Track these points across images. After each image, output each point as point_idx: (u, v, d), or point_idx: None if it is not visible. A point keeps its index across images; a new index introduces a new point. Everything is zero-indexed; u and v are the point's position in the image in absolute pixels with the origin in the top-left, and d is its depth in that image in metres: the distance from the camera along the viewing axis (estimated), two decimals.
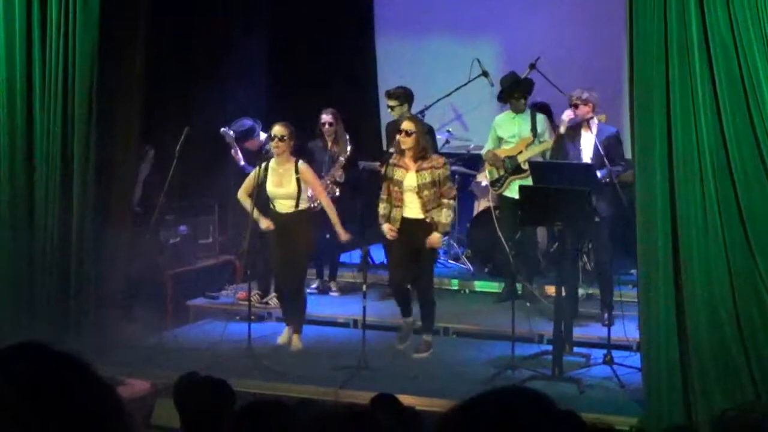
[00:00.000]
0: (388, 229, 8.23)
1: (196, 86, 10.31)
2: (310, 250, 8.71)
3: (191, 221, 10.26)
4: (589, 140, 8.62)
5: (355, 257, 10.60)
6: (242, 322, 8.93)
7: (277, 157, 8.35)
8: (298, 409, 4.01)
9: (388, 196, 8.26)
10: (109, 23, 8.31)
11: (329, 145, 9.79)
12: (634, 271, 8.10)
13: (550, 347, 7.93)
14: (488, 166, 9.62)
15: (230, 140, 9.58)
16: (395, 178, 8.19)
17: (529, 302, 9.05)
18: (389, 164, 8.28)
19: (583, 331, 8.51)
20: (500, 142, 9.49)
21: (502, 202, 9.56)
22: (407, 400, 6.05)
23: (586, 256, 9.45)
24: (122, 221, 8.67)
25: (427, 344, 8.41)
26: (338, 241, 8.62)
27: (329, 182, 9.51)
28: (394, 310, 8.68)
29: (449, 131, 11.13)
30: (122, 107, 8.52)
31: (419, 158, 8.15)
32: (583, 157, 8.58)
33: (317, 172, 8.88)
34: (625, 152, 8.60)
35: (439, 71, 11.38)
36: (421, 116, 10.00)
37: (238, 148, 9.62)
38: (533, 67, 9.52)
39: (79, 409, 1.63)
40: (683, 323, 6.71)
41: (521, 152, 9.33)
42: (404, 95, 9.54)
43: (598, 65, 10.55)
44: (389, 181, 8.25)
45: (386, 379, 7.57)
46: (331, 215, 8.46)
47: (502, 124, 9.49)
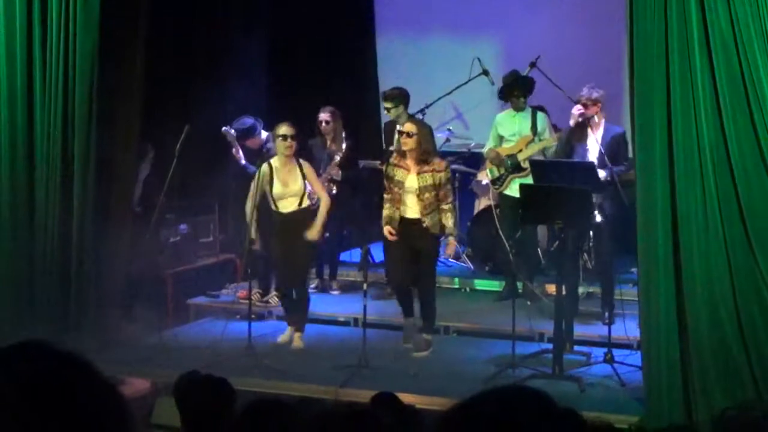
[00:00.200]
0: (388, 231, 8.24)
1: (196, 86, 10.31)
2: (313, 247, 8.74)
3: (191, 220, 10.26)
4: (592, 140, 8.60)
5: (355, 256, 10.60)
6: (243, 320, 8.94)
7: (284, 156, 8.36)
8: (298, 407, 4.01)
9: (391, 196, 8.26)
10: (109, 23, 8.31)
11: (328, 143, 9.80)
12: (634, 269, 8.10)
13: (550, 346, 7.93)
14: (489, 164, 9.62)
15: (231, 139, 9.58)
16: (396, 178, 8.19)
17: (529, 301, 9.06)
18: (390, 164, 8.28)
19: (583, 329, 8.50)
20: (501, 140, 9.49)
21: (502, 200, 9.56)
22: (407, 398, 6.05)
23: (586, 254, 9.45)
24: (122, 221, 8.68)
25: (427, 343, 8.41)
26: (318, 238, 8.59)
27: (326, 180, 9.52)
28: (394, 308, 8.70)
29: (450, 130, 11.13)
30: (122, 107, 8.53)
31: (421, 161, 8.15)
32: (589, 157, 8.57)
33: (315, 169, 8.90)
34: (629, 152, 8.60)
35: (439, 70, 11.38)
36: (421, 115, 10.00)
37: (239, 146, 9.62)
38: (533, 65, 9.50)
39: (80, 408, 1.63)
40: (684, 322, 6.71)
41: (521, 150, 9.33)
42: (400, 96, 9.52)
43: (598, 64, 10.54)
44: (390, 181, 8.25)
45: (386, 377, 7.57)
46: (322, 211, 8.45)
47: (502, 122, 9.48)
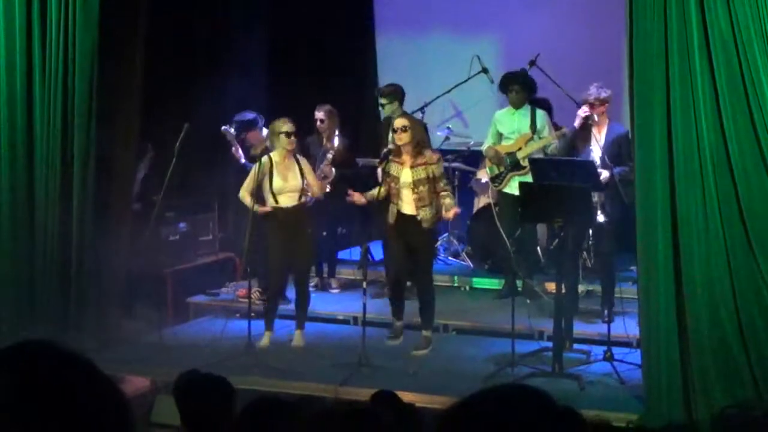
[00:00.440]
0: (358, 197, 8.27)
1: (196, 84, 10.31)
2: (314, 242, 8.82)
3: (191, 218, 10.26)
4: (596, 140, 8.60)
5: (355, 254, 10.61)
6: (242, 319, 8.94)
7: (285, 151, 8.37)
8: (298, 406, 4.01)
9: (387, 188, 8.26)
10: (108, 21, 8.32)
11: (324, 141, 9.82)
12: (634, 267, 8.10)
13: (550, 344, 7.93)
14: (488, 162, 9.62)
15: (231, 138, 9.58)
16: (392, 173, 8.21)
17: (529, 299, 9.05)
18: (390, 160, 8.27)
19: (583, 327, 8.51)
20: (500, 137, 9.48)
21: (502, 198, 9.55)
22: (407, 396, 6.05)
23: (586, 252, 9.45)
24: (122, 219, 8.68)
25: (426, 341, 8.41)
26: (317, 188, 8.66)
27: (319, 178, 9.52)
28: None
29: (449, 128, 11.12)
30: (122, 105, 8.53)
31: (415, 153, 8.16)
32: (592, 156, 8.58)
33: (311, 166, 8.95)
34: None
35: (438, 68, 11.38)
36: (421, 113, 10.01)
37: (238, 145, 9.63)
38: (533, 63, 9.50)
39: (81, 407, 1.63)
40: (683, 320, 6.71)
41: (521, 148, 9.33)
42: (394, 92, 9.53)
43: (598, 63, 10.54)
44: (387, 176, 8.27)
45: (386, 376, 7.58)
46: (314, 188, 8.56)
47: (501, 119, 9.47)
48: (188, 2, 10.74)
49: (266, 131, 9.48)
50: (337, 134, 9.78)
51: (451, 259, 10.88)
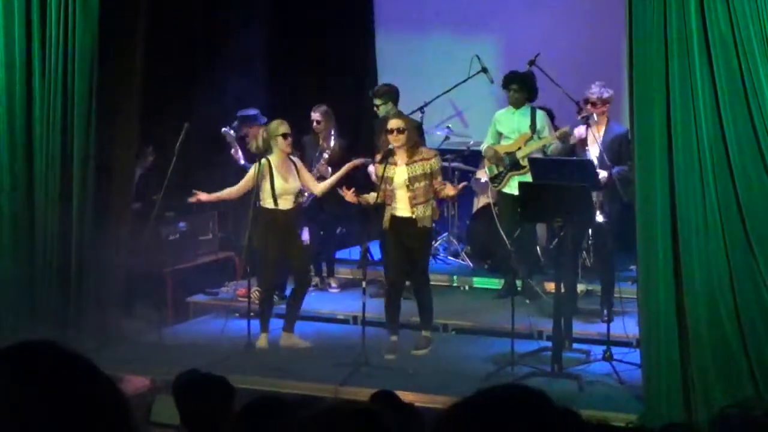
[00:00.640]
0: (350, 196, 8.20)
1: (195, 84, 10.32)
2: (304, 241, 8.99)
3: (191, 218, 10.25)
4: (596, 142, 8.59)
5: (354, 254, 10.61)
6: (242, 318, 8.93)
7: (283, 153, 8.36)
8: (298, 406, 4.01)
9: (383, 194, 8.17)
10: (108, 21, 8.32)
11: (320, 141, 9.82)
12: (633, 267, 8.10)
13: (549, 344, 7.93)
14: (487, 162, 9.61)
15: (231, 140, 9.60)
16: (386, 175, 8.13)
17: (528, 299, 9.06)
18: (389, 163, 8.16)
19: (582, 327, 8.51)
20: (500, 137, 9.48)
21: (501, 198, 9.55)
22: (407, 396, 6.05)
23: (585, 252, 9.46)
24: (122, 219, 8.68)
25: (426, 340, 8.41)
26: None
27: (315, 177, 9.52)
28: None
29: (449, 128, 11.13)
30: (122, 105, 8.53)
31: (410, 153, 8.13)
32: (589, 155, 8.57)
33: (307, 167, 8.97)
34: None
35: (438, 68, 11.37)
36: (421, 113, 10.00)
37: (238, 147, 9.64)
38: (532, 63, 9.48)
39: (82, 407, 1.63)
40: (683, 320, 6.71)
41: (520, 148, 9.33)
42: (389, 93, 9.52)
43: (598, 63, 10.54)
44: (379, 179, 8.17)
45: (386, 375, 7.58)
46: (333, 179, 8.64)
47: (501, 119, 9.47)
48: (188, 2, 10.74)
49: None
50: (333, 134, 9.79)
51: (450, 258, 10.88)
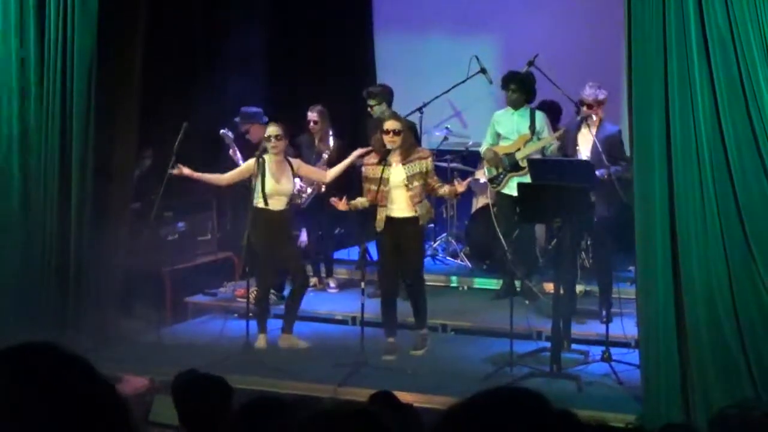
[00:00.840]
0: (343, 205, 8.08)
1: (195, 84, 10.31)
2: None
3: (189, 218, 10.25)
4: (587, 139, 8.60)
5: (353, 254, 10.61)
6: (240, 318, 8.93)
7: (274, 155, 8.36)
8: (296, 406, 4.02)
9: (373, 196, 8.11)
10: (107, 21, 8.31)
11: (316, 142, 9.81)
12: (632, 267, 8.10)
13: (548, 344, 7.93)
14: (486, 164, 9.61)
15: (229, 141, 9.60)
16: (383, 176, 8.10)
17: (527, 299, 9.06)
18: (387, 163, 8.14)
19: (581, 328, 8.52)
20: (498, 138, 9.48)
21: (500, 199, 9.55)
22: (405, 397, 6.05)
23: (584, 253, 9.46)
24: (120, 219, 8.68)
25: (423, 339, 8.40)
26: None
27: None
28: None
29: (447, 128, 11.13)
30: (122, 105, 8.53)
31: (406, 154, 8.12)
32: (580, 156, 8.58)
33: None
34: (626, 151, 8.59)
35: (437, 68, 11.38)
36: (419, 113, 10.00)
37: (236, 148, 9.64)
38: (531, 63, 9.49)
39: (81, 407, 1.64)
40: (682, 320, 6.71)
41: (519, 149, 9.32)
42: (383, 93, 9.50)
43: (597, 63, 10.54)
44: (370, 182, 8.08)
45: (385, 376, 7.58)
46: (341, 165, 8.58)
47: (500, 120, 9.46)
48: (188, 2, 10.74)
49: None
50: (331, 135, 9.78)
51: (449, 259, 10.88)
